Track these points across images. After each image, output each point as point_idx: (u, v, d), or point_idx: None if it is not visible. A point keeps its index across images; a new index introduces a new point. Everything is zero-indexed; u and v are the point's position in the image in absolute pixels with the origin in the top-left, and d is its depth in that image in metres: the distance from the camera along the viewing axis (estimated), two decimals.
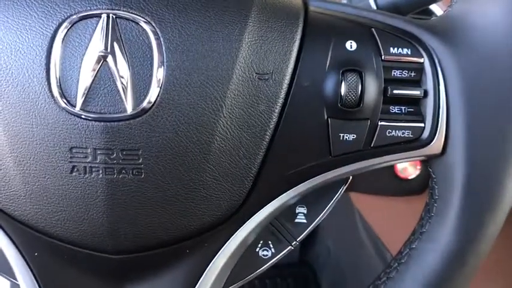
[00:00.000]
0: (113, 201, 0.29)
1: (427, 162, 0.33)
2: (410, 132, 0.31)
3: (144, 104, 0.28)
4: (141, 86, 0.28)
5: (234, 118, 0.29)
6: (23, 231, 0.31)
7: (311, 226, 0.35)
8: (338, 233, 0.87)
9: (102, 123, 0.28)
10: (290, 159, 0.31)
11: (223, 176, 0.30)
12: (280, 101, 0.30)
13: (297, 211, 0.35)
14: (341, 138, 0.31)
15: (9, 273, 0.33)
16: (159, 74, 0.28)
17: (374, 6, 0.45)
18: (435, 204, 0.32)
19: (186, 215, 0.30)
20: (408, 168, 0.84)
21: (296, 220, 0.35)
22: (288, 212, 0.34)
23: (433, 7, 0.51)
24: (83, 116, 0.28)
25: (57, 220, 0.30)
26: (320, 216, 0.35)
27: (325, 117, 0.31)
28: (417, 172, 0.84)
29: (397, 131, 0.31)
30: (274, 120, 0.30)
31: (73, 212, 0.30)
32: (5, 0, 0.28)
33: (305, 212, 0.35)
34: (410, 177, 0.85)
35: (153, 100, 0.28)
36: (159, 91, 0.28)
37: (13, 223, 0.31)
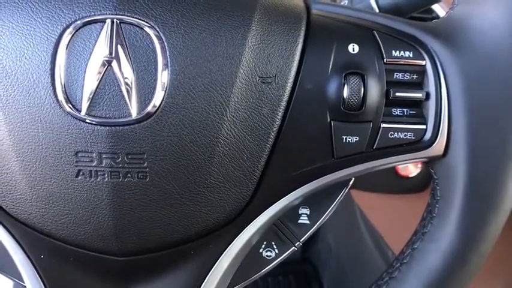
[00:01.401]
0: (118, 204, 0.30)
1: (429, 164, 0.33)
2: (412, 134, 0.31)
3: (149, 108, 0.28)
4: (145, 90, 0.28)
5: (238, 121, 0.30)
6: (29, 233, 0.32)
7: (314, 227, 0.35)
8: (339, 230, 0.88)
9: (107, 128, 0.28)
10: (293, 161, 0.31)
11: (227, 178, 0.30)
12: (283, 104, 0.30)
13: (300, 212, 0.35)
14: (344, 141, 0.31)
15: (15, 274, 0.33)
16: (163, 78, 0.28)
17: (375, 7, 0.45)
18: (437, 205, 0.32)
19: (191, 217, 0.31)
20: (409, 166, 0.84)
21: (299, 221, 0.35)
22: (291, 213, 0.35)
23: (435, 7, 0.52)
24: (88, 121, 0.28)
25: (63, 223, 0.30)
26: (323, 217, 0.35)
27: (328, 119, 0.31)
28: (418, 170, 0.84)
29: (399, 133, 0.31)
30: (277, 123, 0.30)
31: (79, 215, 0.30)
32: (10, 6, 0.28)
33: (308, 213, 0.35)
34: (411, 176, 0.86)
35: (157, 104, 0.28)
36: (164, 95, 0.28)
37: (19, 226, 0.31)
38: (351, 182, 0.35)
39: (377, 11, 0.45)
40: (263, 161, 0.31)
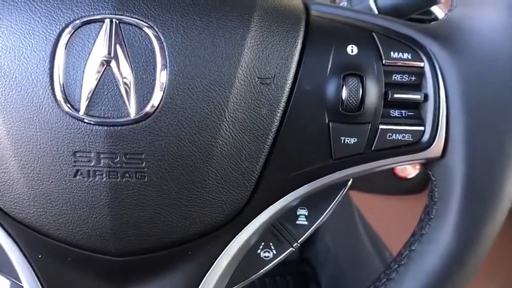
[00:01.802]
0: (116, 204, 0.30)
1: (427, 165, 0.33)
2: (410, 135, 0.31)
3: (147, 108, 0.28)
4: (144, 90, 0.28)
5: (236, 122, 0.30)
6: (26, 233, 0.31)
7: (312, 228, 0.35)
8: (337, 230, 0.88)
9: (106, 128, 0.28)
10: (291, 162, 0.31)
11: (226, 179, 0.30)
12: (282, 105, 0.30)
13: (298, 213, 0.35)
14: (342, 142, 0.31)
15: (12, 274, 0.33)
16: (162, 78, 0.28)
17: (374, 8, 0.45)
18: (435, 207, 0.32)
19: (189, 218, 0.31)
20: (407, 167, 0.85)
21: (297, 222, 0.35)
22: (289, 213, 0.35)
23: (434, 9, 0.52)
24: (86, 121, 0.28)
25: (61, 223, 0.30)
26: (321, 218, 0.35)
27: (327, 121, 0.31)
28: (416, 172, 0.85)
29: (397, 135, 0.31)
30: (275, 124, 0.30)
31: (77, 215, 0.30)
32: (9, 5, 0.28)
33: (306, 214, 0.35)
34: (409, 177, 0.86)
35: (156, 104, 0.28)
36: (162, 95, 0.28)
37: (17, 225, 0.31)
38: (349, 183, 0.35)
39: (376, 12, 0.45)
40: (261, 161, 0.31)
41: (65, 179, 0.29)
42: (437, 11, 0.51)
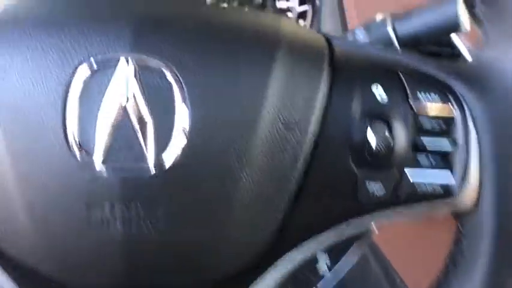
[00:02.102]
0: (130, 254, 0.28)
1: (454, 215, 0.32)
2: (438, 183, 0.30)
3: (166, 156, 0.27)
4: (162, 137, 0.27)
5: (258, 168, 0.28)
6: (33, 280, 0.30)
7: (334, 276, 0.34)
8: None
9: (122, 177, 0.27)
10: (315, 208, 0.30)
11: (247, 227, 0.29)
12: (306, 150, 0.29)
13: (319, 260, 0.34)
14: (367, 187, 0.30)
15: None
16: (182, 123, 0.27)
17: (393, 37, 0.44)
18: (461, 257, 0.31)
19: (207, 268, 0.29)
20: None
21: (318, 269, 0.34)
22: (310, 261, 0.33)
23: (454, 38, 0.50)
24: (100, 168, 0.27)
25: (72, 271, 0.29)
26: (342, 265, 0.34)
27: (352, 165, 0.29)
28: None
29: (424, 181, 0.30)
30: (299, 169, 0.29)
31: (89, 264, 0.28)
32: (21, 43, 0.27)
33: (328, 262, 0.34)
34: None
35: (175, 152, 0.27)
36: (182, 142, 0.27)
37: (24, 271, 0.30)
38: (372, 229, 0.33)
39: (395, 41, 0.44)
40: (283, 208, 0.29)
41: (76, 227, 0.28)
42: (457, 41, 0.50)
